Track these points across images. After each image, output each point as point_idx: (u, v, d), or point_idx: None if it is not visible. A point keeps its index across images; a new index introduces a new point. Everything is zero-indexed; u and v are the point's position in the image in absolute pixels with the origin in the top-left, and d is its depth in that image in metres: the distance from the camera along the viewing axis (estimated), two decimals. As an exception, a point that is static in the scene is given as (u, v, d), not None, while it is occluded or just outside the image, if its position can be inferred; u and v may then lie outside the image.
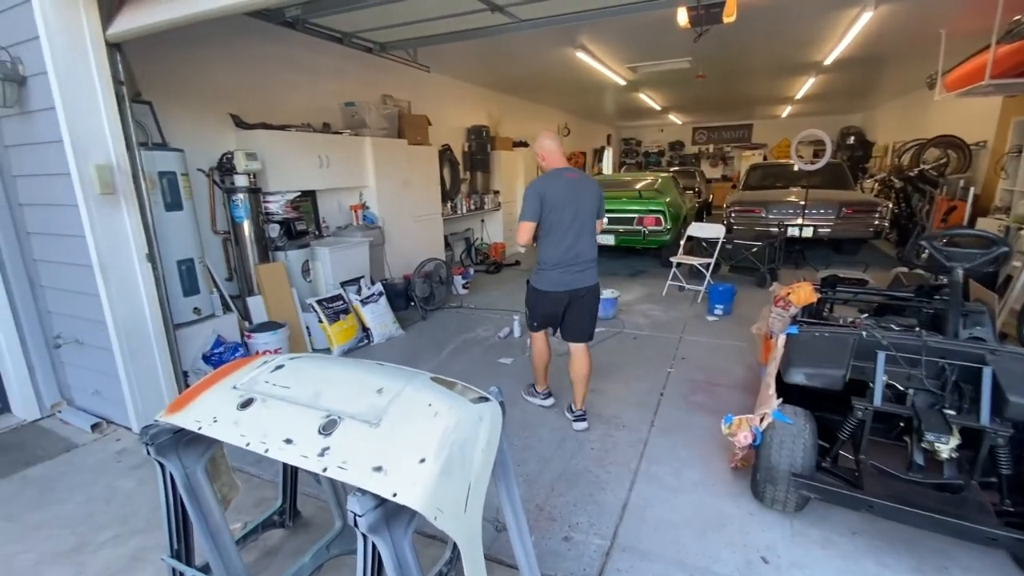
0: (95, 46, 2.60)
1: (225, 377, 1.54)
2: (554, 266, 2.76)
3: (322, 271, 4.44)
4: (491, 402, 1.43)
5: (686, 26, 4.19)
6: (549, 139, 2.81)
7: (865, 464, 1.97)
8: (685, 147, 16.97)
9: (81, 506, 2.36)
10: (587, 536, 2.06)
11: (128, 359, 2.85)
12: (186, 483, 1.49)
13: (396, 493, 1.09)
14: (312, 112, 4.76)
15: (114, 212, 2.73)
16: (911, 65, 7.15)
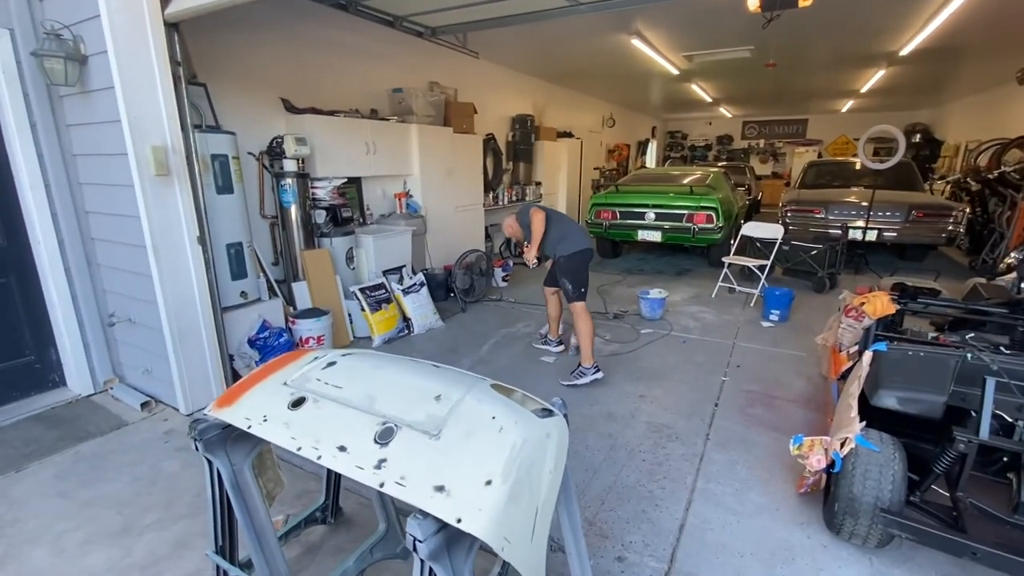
0: (153, 25, 2.57)
1: (275, 372, 1.47)
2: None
3: (365, 259, 4.40)
4: (557, 416, 1.30)
5: (756, 10, 3.90)
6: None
7: (965, 503, 1.75)
8: (734, 141, 16.33)
9: (128, 486, 2.38)
10: (642, 557, 1.92)
11: (177, 340, 2.86)
12: (233, 480, 1.42)
13: (461, 519, 0.98)
14: (359, 97, 4.71)
15: (168, 193, 2.73)
16: (994, 58, 6.57)
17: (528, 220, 3.48)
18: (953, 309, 3.00)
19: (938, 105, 12.06)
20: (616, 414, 2.98)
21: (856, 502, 1.81)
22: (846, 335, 3.07)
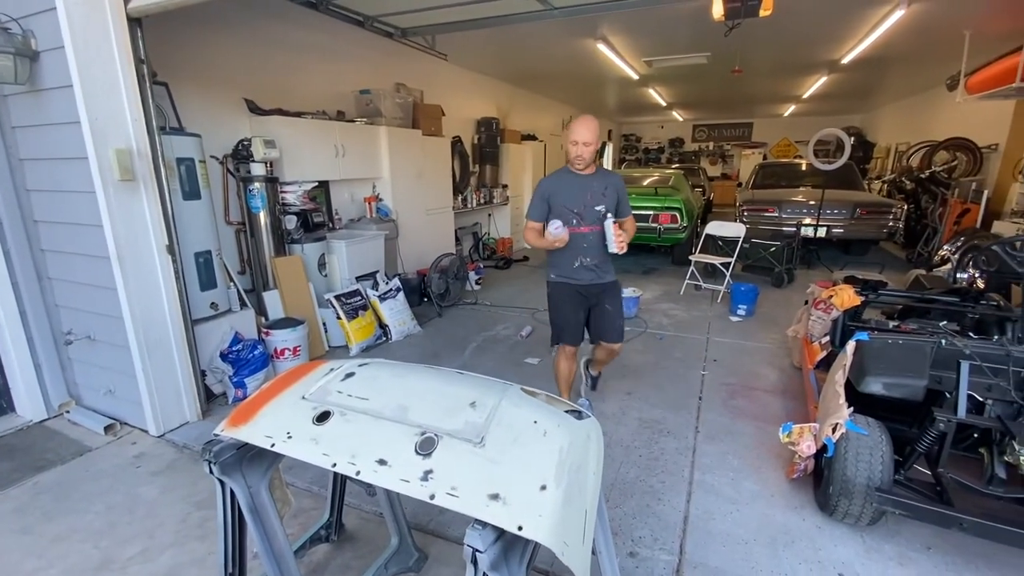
0: (116, 20, 2.41)
1: (289, 386, 1.40)
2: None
3: (338, 265, 4.27)
4: (591, 418, 1.30)
5: (720, 18, 4.07)
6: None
7: (947, 479, 1.88)
8: (685, 144, 16.94)
9: (101, 516, 2.20)
10: (653, 551, 1.96)
11: (146, 357, 2.68)
12: (250, 502, 1.34)
13: (522, 526, 0.97)
14: (326, 99, 4.57)
15: (133, 200, 2.55)
16: (923, 66, 7.14)
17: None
18: (908, 299, 3.23)
19: (870, 110, 12.97)
20: (607, 412, 3.02)
21: (850, 483, 1.92)
22: (816, 326, 3.25)
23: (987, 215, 6.23)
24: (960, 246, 5.37)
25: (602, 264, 2.62)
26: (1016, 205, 5.86)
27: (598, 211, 2.52)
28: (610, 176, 2.61)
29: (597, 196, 2.52)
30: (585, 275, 2.61)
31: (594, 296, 2.67)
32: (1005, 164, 6.52)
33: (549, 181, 2.60)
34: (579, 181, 2.54)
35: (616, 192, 2.56)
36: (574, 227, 2.52)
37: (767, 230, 6.39)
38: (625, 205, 2.63)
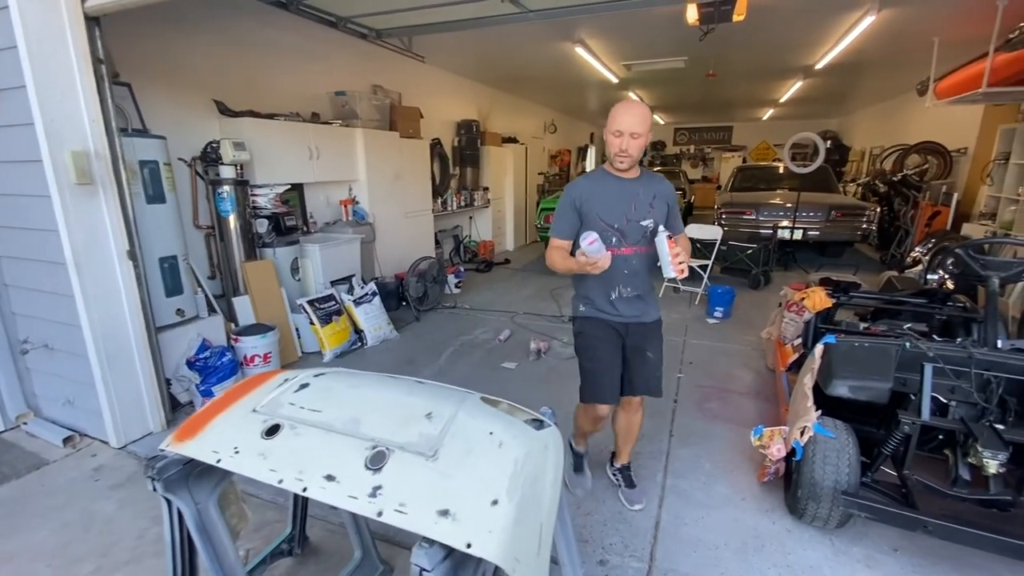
0: (72, 19, 2.33)
1: (240, 398, 1.35)
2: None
3: (312, 269, 4.19)
4: (551, 427, 1.28)
5: (695, 23, 4.10)
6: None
7: (913, 480, 1.90)
8: (666, 147, 17.09)
9: (55, 534, 2.11)
10: (623, 559, 1.94)
11: (106, 366, 2.59)
12: (198, 521, 1.29)
13: (471, 543, 0.93)
14: (300, 100, 4.49)
15: (91, 204, 2.47)
16: (895, 72, 7.28)
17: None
18: (878, 301, 3.27)
19: (845, 114, 13.22)
20: (582, 417, 3.00)
21: (818, 487, 1.92)
22: (789, 328, 3.28)
23: (957, 217, 6.38)
24: (931, 248, 5.49)
25: (646, 296, 2.03)
26: (984, 207, 6.01)
27: (644, 227, 1.92)
28: (658, 181, 2.01)
29: (644, 208, 1.92)
30: (625, 310, 2.00)
31: (634, 337, 2.04)
32: (974, 167, 6.68)
33: (581, 185, 1.99)
34: (621, 187, 1.93)
35: (666, 203, 1.98)
36: (613, 247, 1.89)
37: (745, 232, 6.46)
38: (676, 219, 2.03)
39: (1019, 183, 5.32)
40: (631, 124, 1.81)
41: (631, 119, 1.81)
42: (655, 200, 1.95)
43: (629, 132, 1.82)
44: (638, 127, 1.81)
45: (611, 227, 1.92)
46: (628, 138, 1.83)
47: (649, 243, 1.93)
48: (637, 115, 1.82)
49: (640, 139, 1.83)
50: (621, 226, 1.93)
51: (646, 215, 1.93)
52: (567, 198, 1.97)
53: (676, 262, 1.79)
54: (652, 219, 1.93)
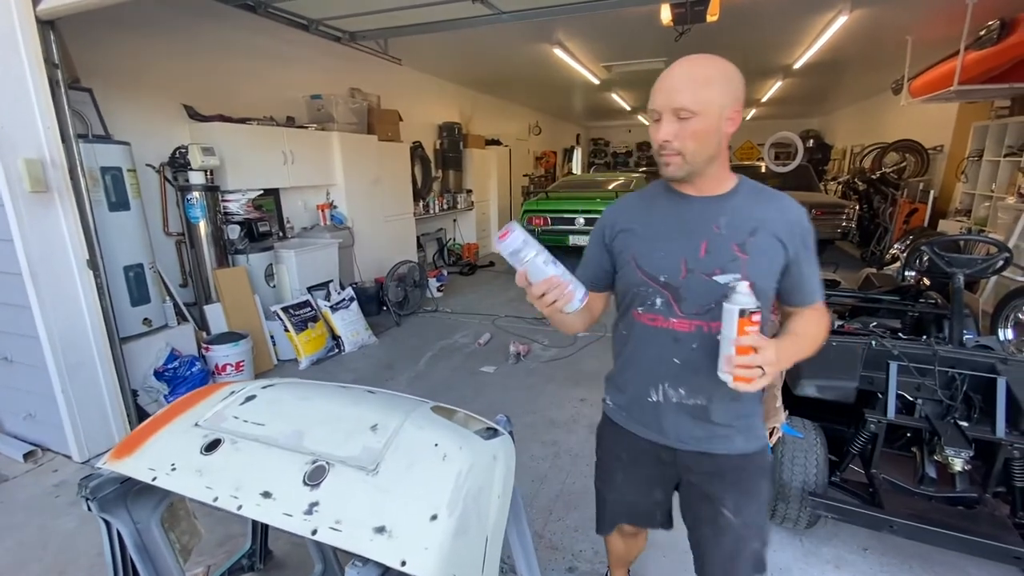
0: (23, 23, 2.27)
1: (184, 412, 1.30)
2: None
3: (287, 275, 4.14)
4: (503, 436, 1.25)
5: (668, 24, 4.11)
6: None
7: (880, 480, 1.89)
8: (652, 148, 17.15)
9: (10, 553, 2.05)
10: (593, 566, 1.91)
11: (66, 378, 2.52)
12: (137, 542, 1.24)
13: (405, 561, 0.90)
14: (275, 105, 4.44)
15: (48, 213, 2.40)
16: (872, 71, 7.36)
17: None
18: (851, 299, 3.28)
19: (827, 113, 13.36)
20: (558, 420, 2.98)
21: (786, 487, 1.91)
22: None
23: (934, 214, 6.46)
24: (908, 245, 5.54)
25: (717, 404, 1.14)
26: (960, 204, 6.08)
27: (720, 285, 1.05)
28: (769, 201, 1.11)
29: (723, 250, 1.07)
30: (674, 428, 1.18)
31: (696, 476, 1.21)
32: (950, 165, 6.77)
33: (620, 207, 1.23)
34: (681, 212, 1.12)
35: (779, 241, 1.07)
36: (655, 315, 1.13)
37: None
38: (806, 278, 1.12)
39: (992, 180, 5.40)
40: (673, 94, 0.98)
41: (672, 84, 0.99)
42: (753, 237, 1.05)
43: (671, 109, 0.99)
44: (687, 98, 0.97)
45: (653, 281, 1.11)
46: (671, 120, 0.99)
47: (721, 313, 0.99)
48: (685, 77, 0.98)
49: (699, 122, 0.98)
50: (671, 280, 1.09)
51: (726, 263, 1.05)
52: (597, 226, 1.24)
53: (740, 363, 0.92)
54: (739, 272, 1.03)
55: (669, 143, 1.02)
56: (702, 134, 1.00)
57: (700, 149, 1.02)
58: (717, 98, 0.99)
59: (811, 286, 1.14)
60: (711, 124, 1.00)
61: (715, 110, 0.99)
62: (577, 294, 1.02)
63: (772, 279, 1.09)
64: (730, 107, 1.01)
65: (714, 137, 1.02)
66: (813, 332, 1.14)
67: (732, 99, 1.01)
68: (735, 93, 1.02)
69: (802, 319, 1.15)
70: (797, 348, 1.09)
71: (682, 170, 1.05)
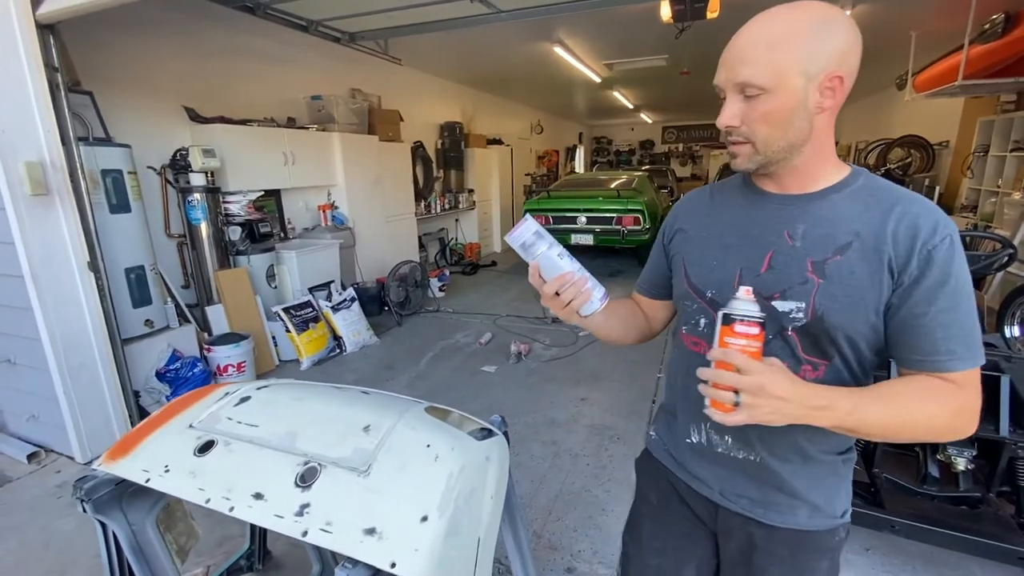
0: (23, 27, 2.28)
1: (179, 413, 1.30)
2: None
3: (289, 276, 4.15)
4: (496, 436, 1.24)
5: (669, 20, 4.08)
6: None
7: (882, 479, 1.87)
8: (655, 146, 17.11)
9: (12, 553, 2.06)
10: (592, 566, 1.91)
11: (68, 380, 2.53)
12: (133, 543, 1.25)
13: (395, 563, 0.90)
14: (275, 106, 4.45)
15: (48, 215, 2.41)
16: (876, 67, 7.30)
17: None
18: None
19: (831, 109, 13.25)
20: (558, 419, 2.97)
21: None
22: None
23: (940, 210, 6.39)
24: (913, 241, 5.49)
25: (779, 463, 0.88)
26: (965, 200, 6.02)
27: (777, 312, 0.81)
28: (896, 211, 0.77)
29: (794, 265, 0.81)
30: (715, 477, 0.96)
31: (738, 547, 0.97)
32: (955, 160, 6.70)
33: (685, 202, 1.03)
34: (751, 213, 0.88)
35: (882, 267, 0.76)
36: (699, 339, 0.92)
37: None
38: (933, 326, 0.74)
39: (998, 175, 5.34)
40: (734, 66, 0.77)
41: (734, 52, 0.78)
42: (842, 256, 0.78)
43: (734, 85, 0.78)
44: (752, 69, 0.75)
45: (699, 296, 0.91)
46: (735, 100, 0.79)
47: (798, 346, 0.82)
48: (751, 40, 0.76)
49: (772, 99, 0.75)
50: (719, 297, 0.87)
51: (793, 286, 0.81)
52: (663, 226, 1.06)
53: (712, 380, 0.73)
54: (805, 301, 0.79)
55: (735, 128, 0.81)
56: (777, 115, 0.76)
57: (776, 134, 0.78)
58: (797, 63, 0.73)
59: (939, 339, 0.74)
60: (790, 100, 0.75)
61: (795, 81, 0.73)
62: (596, 294, 0.90)
63: (860, 318, 0.77)
64: (823, 72, 0.73)
65: (796, 117, 0.76)
66: (920, 403, 0.74)
67: (825, 60, 0.72)
68: (832, 51, 0.72)
69: (912, 383, 0.76)
70: (872, 408, 0.72)
71: (752, 161, 0.82)
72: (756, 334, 0.71)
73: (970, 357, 0.74)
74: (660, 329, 1.12)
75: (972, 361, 0.74)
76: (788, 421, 0.71)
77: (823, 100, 0.75)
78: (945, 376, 0.75)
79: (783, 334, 0.82)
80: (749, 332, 0.71)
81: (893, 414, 0.74)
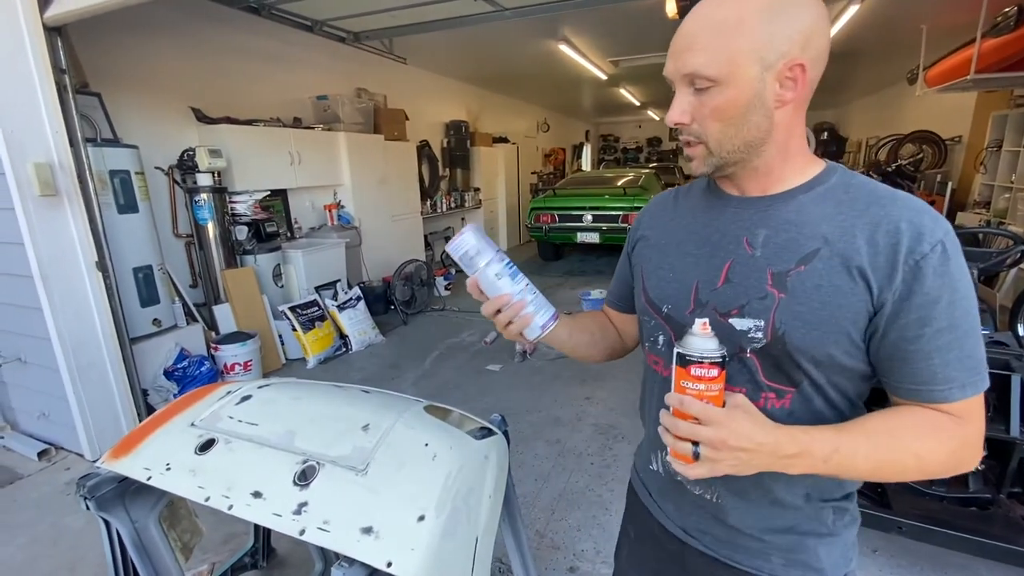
0: (31, 30, 2.30)
1: (181, 412, 1.31)
2: None
3: (295, 275, 4.17)
4: (496, 435, 1.24)
5: (674, 16, 4.04)
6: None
7: (888, 480, 1.85)
8: (663, 143, 17.01)
9: (23, 549, 2.09)
10: (594, 565, 1.90)
11: (77, 378, 2.56)
12: (136, 540, 1.26)
13: (391, 562, 0.90)
14: (281, 106, 4.47)
15: (57, 216, 2.44)
16: (887, 61, 7.20)
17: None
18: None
19: (841, 105, 13.11)
20: (563, 419, 2.96)
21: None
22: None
23: (952, 206, 6.29)
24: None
25: (737, 504, 0.77)
26: (978, 196, 5.93)
27: (735, 331, 0.70)
28: (873, 212, 0.65)
29: (753, 277, 0.70)
30: (675, 506, 0.86)
31: None
32: (968, 156, 6.59)
33: (649, 207, 0.93)
34: (715, 216, 0.77)
35: (855, 278, 0.64)
36: (658, 357, 0.82)
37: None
38: (928, 351, 0.63)
39: (1012, 171, 5.25)
40: (682, 54, 0.66)
41: (682, 39, 0.67)
42: (807, 266, 0.66)
43: (681, 76, 0.68)
44: (701, 57, 0.64)
45: (655, 311, 0.82)
46: (685, 92, 0.68)
47: (758, 370, 0.70)
48: (699, 23, 0.65)
49: (724, 92, 0.64)
50: (675, 313, 0.78)
51: (752, 301, 0.69)
52: (628, 233, 0.99)
53: (671, 430, 0.63)
54: (765, 318, 0.68)
55: (685, 126, 0.69)
56: (730, 110, 0.65)
57: (729, 132, 0.67)
58: (752, 50, 0.62)
59: (936, 366, 0.62)
60: (744, 93, 0.64)
61: (749, 71, 0.62)
62: (537, 319, 0.80)
63: (830, 340, 0.65)
64: (782, 61, 0.62)
65: (753, 112, 0.65)
66: (915, 442, 0.63)
67: (786, 46, 0.61)
68: (793, 34, 0.61)
69: (905, 417, 0.65)
70: (858, 451, 0.62)
71: (707, 164, 0.70)
72: (715, 376, 0.61)
73: (972, 384, 0.63)
74: (634, 345, 1.03)
75: (975, 388, 0.63)
76: (756, 471, 0.62)
77: (783, 92, 0.65)
78: (943, 408, 0.64)
79: (740, 356, 0.70)
80: (707, 375, 0.61)
81: (882, 458, 0.63)
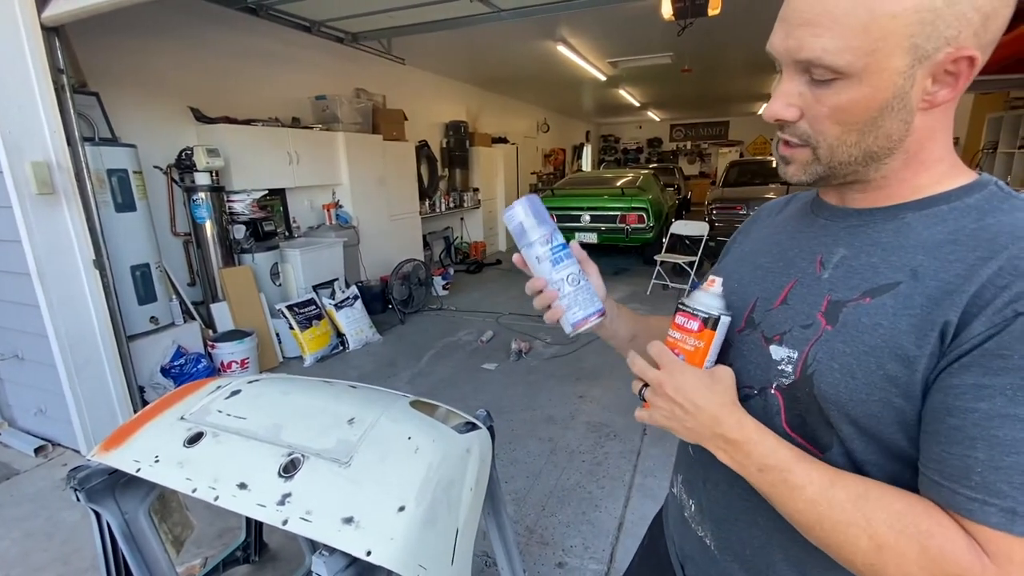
0: (29, 30, 2.33)
1: (171, 406, 1.34)
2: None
3: (293, 274, 4.20)
4: (479, 430, 1.26)
5: (670, 18, 4.07)
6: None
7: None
8: (663, 144, 17.02)
9: (17, 543, 2.12)
10: (582, 561, 1.92)
11: (74, 375, 2.59)
12: (126, 532, 1.28)
13: (371, 551, 0.92)
14: (280, 106, 4.50)
15: (55, 214, 2.47)
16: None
17: None
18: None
19: (841, 106, 13.10)
20: (556, 417, 2.98)
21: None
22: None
23: (949, 208, 6.31)
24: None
25: (733, 542, 0.65)
26: (975, 197, 5.94)
27: (771, 359, 0.58)
28: (997, 254, 0.46)
29: (809, 302, 0.57)
30: (678, 534, 0.79)
31: None
32: (965, 156, 6.60)
33: (759, 212, 0.84)
34: (804, 226, 0.65)
35: (930, 329, 0.46)
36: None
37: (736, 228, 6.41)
38: (960, 436, 0.44)
39: (1007, 172, 5.26)
40: (798, 31, 0.48)
41: (804, 7, 0.47)
42: (873, 299, 0.51)
43: (794, 61, 0.50)
44: (829, 40, 0.46)
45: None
46: (793, 78, 0.52)
47: (780, 413, 0.58)
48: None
49: (854, 87, 0.48)
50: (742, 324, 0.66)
51: (795, 328, 0.57)
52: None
53: (639, 369, 0.61)
54: (799, 350, 0.55)
55: (790, 124, 0.54)
56: (857, 112, 0.50)
57: (849, 139, 0.52)
58: (907, 32, 0.45)
59: (980, 461, 0.43)
60: (882, 92, 0.48)
61: (895, 62, 0.46)
62: (571, 314, 0.71)
63: (875, 395, 0.49)
64: (946, 48, 0.45)
65: (888, 117, 0.49)
66: (881, 519, 0.46)
67: (955, 26, 0.44)
68: (967, 8, 0.44)
69: (901, 493, 0.48)
70: (803, 482, 0.50)
71: (808, 173, 0.56)
72: (693, 330, 0.59)
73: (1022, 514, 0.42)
74: None
75: (1022, 521, 0.42)
76: (692, 439, 0.57)
77: (936, 91, 0.48)
78: (967, 525, 0.44)
79: (765, 391, 0.58)
80: (686, 325, 0.60)
81: (829, 514, 0.48)
